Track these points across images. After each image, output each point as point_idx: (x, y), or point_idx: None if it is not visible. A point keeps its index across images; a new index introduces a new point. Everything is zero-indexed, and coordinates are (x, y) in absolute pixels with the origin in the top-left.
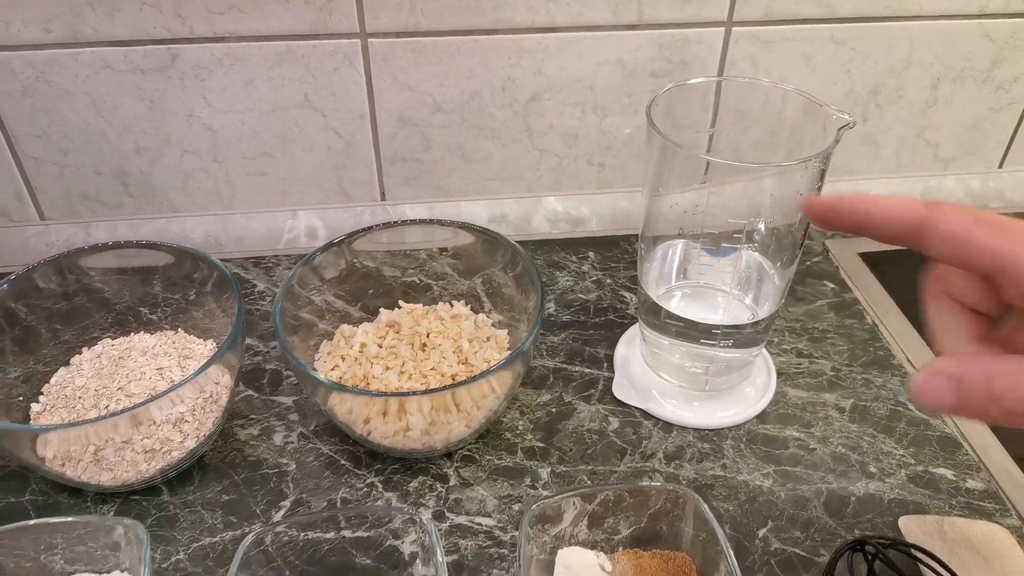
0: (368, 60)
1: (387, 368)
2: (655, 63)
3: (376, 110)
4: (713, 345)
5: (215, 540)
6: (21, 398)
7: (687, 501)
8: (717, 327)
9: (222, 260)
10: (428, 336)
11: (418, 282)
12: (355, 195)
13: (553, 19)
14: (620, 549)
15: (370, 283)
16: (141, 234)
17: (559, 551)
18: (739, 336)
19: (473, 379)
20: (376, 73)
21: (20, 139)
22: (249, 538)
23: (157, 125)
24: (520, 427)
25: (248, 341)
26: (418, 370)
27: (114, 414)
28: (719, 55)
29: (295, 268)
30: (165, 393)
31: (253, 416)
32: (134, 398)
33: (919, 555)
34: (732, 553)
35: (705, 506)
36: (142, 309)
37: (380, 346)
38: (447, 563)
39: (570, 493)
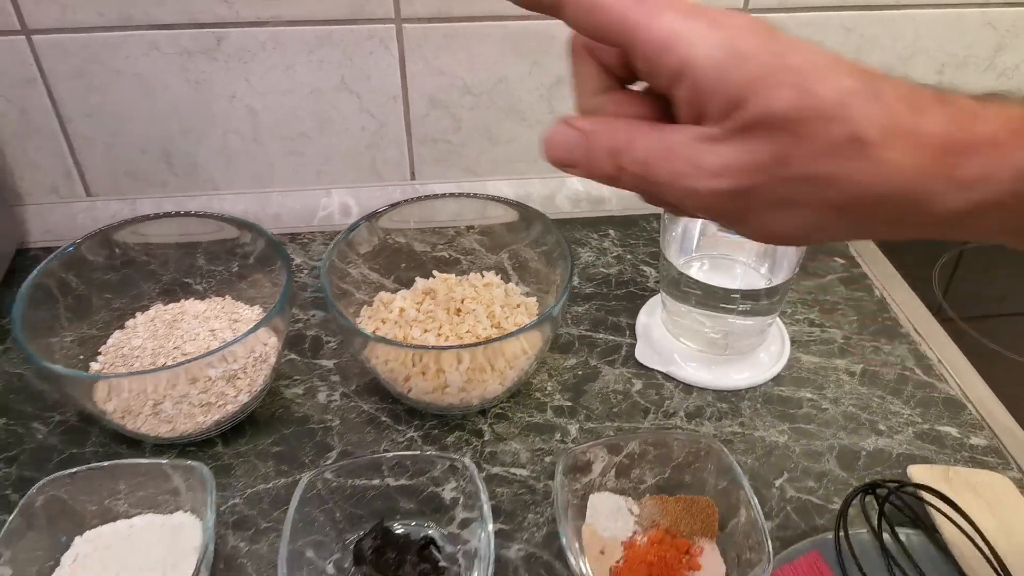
0: (402, 44)
1: (425, 331)
2: None
3: (409, 92)
4: (731, 311)
5: (268, 486)
6: (81, 357)
7: (710, 450)
8: (736, 291)
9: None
10: (462, 302)
11: (447, 256)
12: (387, 175)
13: None
14: (646, 496)
15: (402, 257)
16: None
17: (590, 496)
18: (755, 304)
19: (505, 336)
20: (409, 57)
21: (72, 118)
22: (304, 479)
23: (201, 106)
24: (549, 388)
25: None
26: (454, 332)
27: (174, 365)
28: None
29: (336, 240)
30: (220, 349)
31: (297, 377)
32: (190, 356)
33: (928, 496)
34: (755, 497)
35: (728, 453)
36: (188, 280)
37: (418, 311)
38: (480, 508)
39: (601, 441)
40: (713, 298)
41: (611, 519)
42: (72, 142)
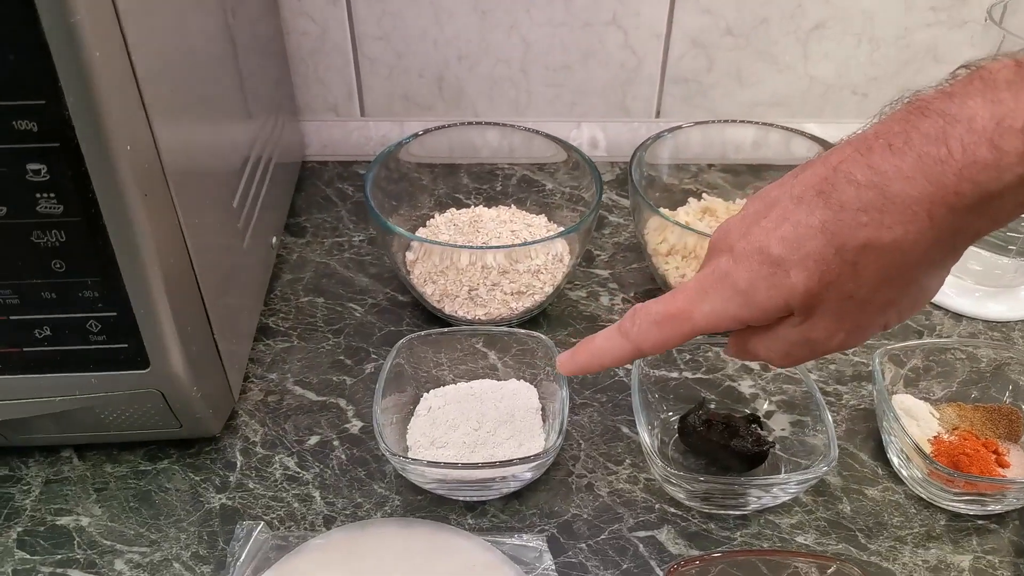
0: None
1: None
2: None
3: (672, 31)
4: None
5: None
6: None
7: (1010, 362)
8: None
9: (511, 164)
10: None
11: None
12: (634, 111)
13: None
14: (943, 403)
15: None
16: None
17: (893, 396)
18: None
19: None
20: None
21: (363, 40)
22: (635, 369)
23: (482, 35)
24: None
25: None
26: None
27: (498, 247)
28: None
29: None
30: (535, 242)
31: (577, 283)
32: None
33: None
34: None
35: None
36: (457, 195)
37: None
38: (775, 402)
39: (918, 342)
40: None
41: (914, 418)
42: (359, 63)
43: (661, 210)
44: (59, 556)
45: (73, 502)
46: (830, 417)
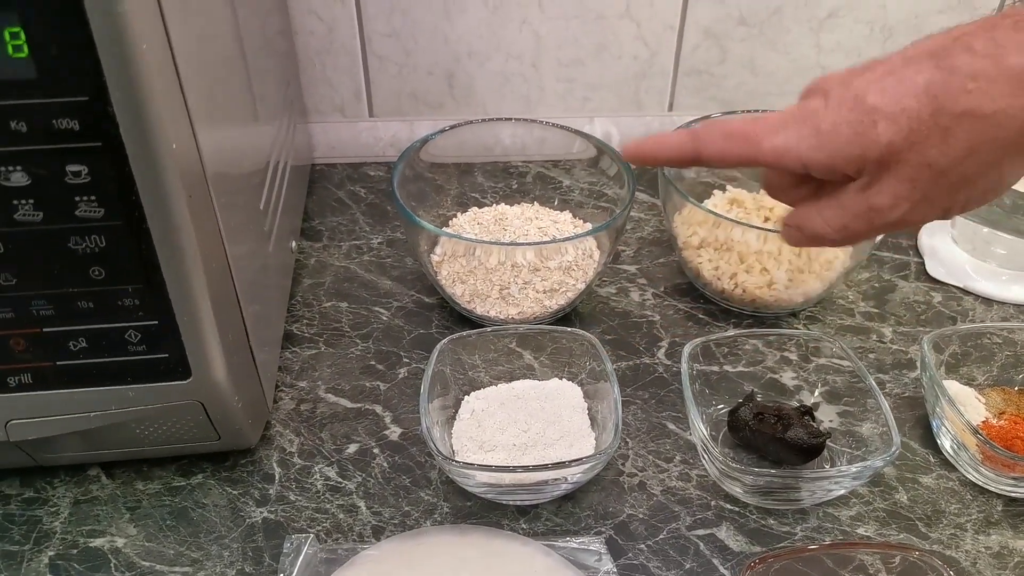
0: None
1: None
2: None
3: (686, 22)
4: None
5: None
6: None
7: None
8: None
9: (525, 162)
10: (770, 210)
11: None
12: (646, 104)
13: None
14: (987, 388)
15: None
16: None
17: (942, 381)
18: None
19: None
20: None
21: (372, 38)
22: (685, 364)
23: (493, 30)
24: (851, 296)
25: None
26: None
27: (526, 243)
28: None
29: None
30: (568, 239)
31: (606, 279)
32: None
33: None
34: None
35: None
36: (504, 185)
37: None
38: (821, 393)
39: (955, 328)
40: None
41: (961, 404)
42: (368, 62)
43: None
44: None
45: (106, 523)
46: (887, 404)
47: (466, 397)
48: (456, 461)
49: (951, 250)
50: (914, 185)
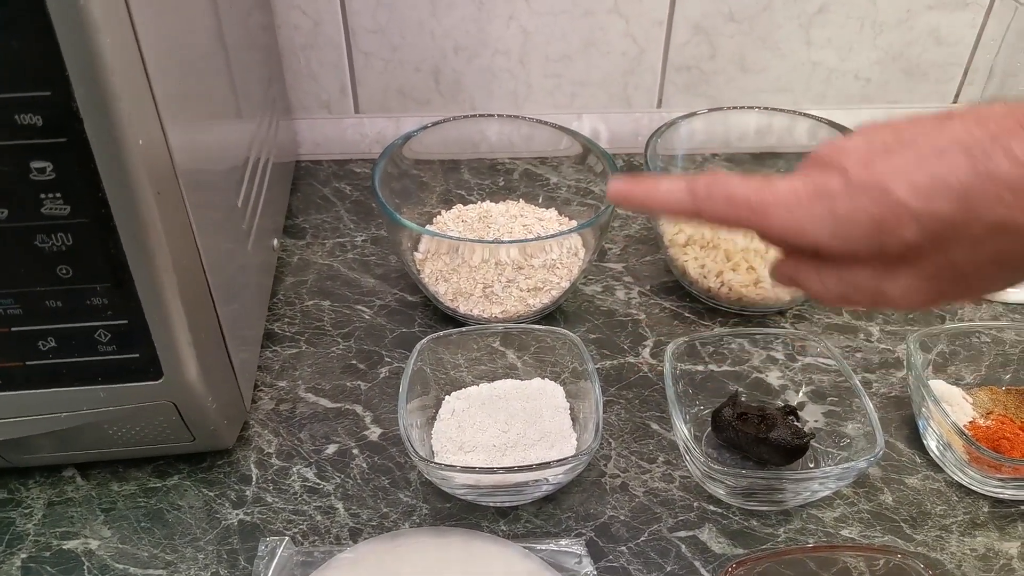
0: None
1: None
2: None
3: (674, 18)
4: None
5: (596, 366)
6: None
7: None
8: None
9: (512, 159)
10: None
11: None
12: (635, 101)
13: None
14: (974, 388)
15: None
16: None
17: (928, 380)
18: None
19: None
20: None
21: (357, 33)
22: (667, 365)
23: (480, 26)
24: None
25: None
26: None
27: (510, 241)
28: None
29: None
30: (552, 236)
31: (591, 277)
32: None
33: None
34: None
35: None
36: (489, 182)
37: None
38: (806, 392)
39: (943, 327)
40: None
41: (948, 404)
42: (354, 59)
43: None
44: None
45: (80, 524)
46: (871, 405)
47: (447, 397)
48: (434, 463)
49: None
50: (931, 283)
